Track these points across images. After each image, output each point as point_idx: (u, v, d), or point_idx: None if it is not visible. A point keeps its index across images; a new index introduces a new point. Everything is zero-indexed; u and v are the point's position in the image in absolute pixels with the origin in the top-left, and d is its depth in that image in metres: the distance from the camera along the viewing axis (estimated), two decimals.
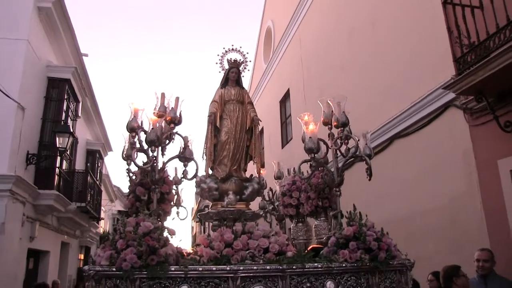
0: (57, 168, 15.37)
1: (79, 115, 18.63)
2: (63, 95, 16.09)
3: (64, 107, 16.11)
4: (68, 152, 16.42)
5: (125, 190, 28.22)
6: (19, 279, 13.08)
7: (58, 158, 15.41)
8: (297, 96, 18.65)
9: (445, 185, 9.17)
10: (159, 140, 5.60)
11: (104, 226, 30.40)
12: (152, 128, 5.57)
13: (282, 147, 20.19)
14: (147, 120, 5.73)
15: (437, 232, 9.21)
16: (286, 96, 20.40)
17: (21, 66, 13.31)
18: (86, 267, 4.69)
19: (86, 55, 19.40)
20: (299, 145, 16.52)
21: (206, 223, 40.61)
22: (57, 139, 14.51)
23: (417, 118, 10.14)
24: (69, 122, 16.54)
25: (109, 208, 32.15)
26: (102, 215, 25.46)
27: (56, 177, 15.32)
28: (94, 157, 23.38)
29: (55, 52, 16.91)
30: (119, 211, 34.82)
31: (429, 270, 7.58)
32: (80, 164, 20.58)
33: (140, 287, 4.66)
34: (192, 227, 56.85)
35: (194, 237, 52.19)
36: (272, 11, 23.70)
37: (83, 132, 21.21)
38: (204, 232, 41.28)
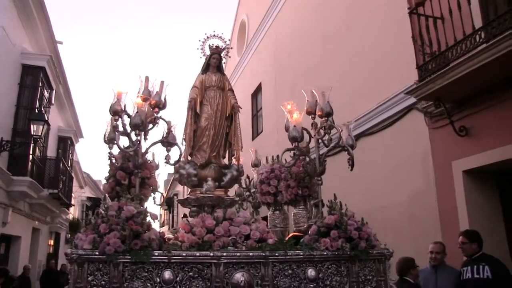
0: (30, 155, 15.15)
1: (53, 102, 18.37)
2: (38, 83, 15.92)
3: (38, 95, 15.87)
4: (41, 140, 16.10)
5: (95, 177, 28.05)
6: None
7: (32, 145, 15.17)
8: (269, 91, 18.56)
9: (405, 182, 9.50)
10: (143, 124, 5.39)
11: (73, 212, 29.95)
12: (136, 112, 5.36)
13: (253, 139, 19.95)
14: (131, 103, 5.52)
15: (397, 225, 9.42)
16: (258, 89, 20.24)
17: None
18: (68, 251, 4.48)
19: (61, 43, 19.15)
20: (269, 137, 16.80)
21: (175, 211, 40.40)
22: (32, 126, 14.34)
23: (382, 118, 10.43)
24: (43, 109, 16.26)
25: (78, 195, 31.69)
26: (72, 201, 25.07)
27: (29, 163, 15.10)
28: (66, 144, 23.03)
29: (30, 39, 16.57)
30: (88, 198, 34.44)
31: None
32: (51, 150, 20.31)
33: (123, 272, 4.48)
34: (160, 215, 56.44)
35: (161, 225, 51.85)
36: (247, 5, 23.43)
37: (55, 119, 20.85)
38: (173, 220, 41.03)
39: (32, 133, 14.37)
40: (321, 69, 13.65)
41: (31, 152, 15.24)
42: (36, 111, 15.30)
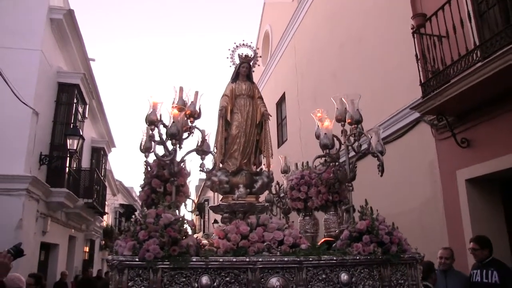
0: (67, 168, 15.40)
1: (86, 116, 18.51)
2: (73, 99, 16.12)
3: (73, 110, 16.05)
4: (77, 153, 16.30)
5: (127, 184, 27.88)
6: (33, 271, 12.77)
7: (68, 158, 15.42)
8: (292, 100, 18.43)
9: (415, 190, 9.68)
10: (179, 133, 5.24)
11: (107, 219, 29.86)
12: (173, 122, 5.20)
13: (278, 147, 19.72)
14: (165, 113, 5.38)
15: (409, 231, 9.31)
16: (282, 99, 20.12)
17: (36, 74, 13.45)
18: (109, 257, 4.36)
19: (93, 60, 19.29)
20: (293, 145, 16.66)
21: (206, 217, 40.08)
22: (68, 141, 14.81)
23: (394, 130, 10.48)
24: (77, 124, 16.43)
25: (111, 202, 31.55)
26: (106, 209, 25.06)
27: (66, 175, 15.31)
28: (99, 154, 23.02)
29: (65, 59, 16.86)
30: (121, 205, 34.31)
31: None
32: (85, 160, 20.42)
33: (162, 277, 4.33)
34: (192, 220, 56.30)
35: (193, 231, 51.55)
36: (270, 16, 23.32)
37: (88, 130, 20.95)
38: (204, 225, 40.80)
39: (68, 147, 14.78)
40: (339, 80, 13.65)
41: (67, 165, 15.44)
42: (71, 126, 15.51)
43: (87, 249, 24.37)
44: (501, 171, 7.60)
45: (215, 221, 8.97)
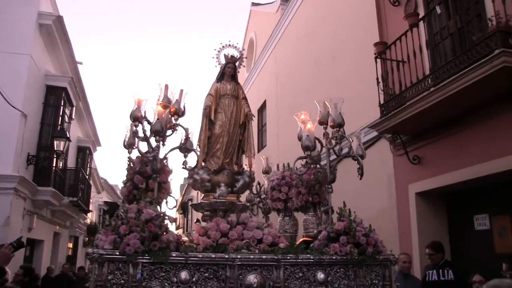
0: (53, 167, 15.23)
1: (73, 117, 18.22)
2: (60, 102, 15.82)
3: (60, 112, 15.80)
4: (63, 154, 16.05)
5: (112, 182, 27.36)
6: (19, 266, 12.60)
7: (54, 159, 15.23)
8: (272, 108, 18.37)
9: (375, 200, 10.10)
10: (163, 130, 5.08)
11: (91, 217, 29.40)
12: (157, 119, 5.04)
13: (258, 151, 19.44)
14: (151, 110, 5.22)
15: None
16: (263, 106, 19.93)
17: (25, 78, 13.29)
18: (90, 250, 4.23)
19: (81, 63, 18.98)
20: (272, 151, 16.45)
21: (189, 215, 39.73)
22: (55, 142, 14.62)
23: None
24: (64, 125, 16.21)
25: (96, 200, 31.00)
26: (90, 207, 24.71)
27: (52, 175, 15.15)
28: (85, 153, 22.57)
29: (53, 62, 16.54)
30: (105, 202, 33.77)
31: None
32: (71, 159, 20.06)
33: (142, 271, 4.21)
34: (175, 219, 55.73)
35: (177, 228, 51.07)
36: (256, 24, 23.11)
37: (75, 130, 20.53)
38: (187, 224, 40.42)
39: (55, 149, 14.63)
40: (313, 94, 13.32)
41: (53, 165, 15.27)
42: (59, 128, 15.32)
43: (71, 245, 24.02)
44: (446, 186, 8.21)
45: (198, 221, 8.80)
